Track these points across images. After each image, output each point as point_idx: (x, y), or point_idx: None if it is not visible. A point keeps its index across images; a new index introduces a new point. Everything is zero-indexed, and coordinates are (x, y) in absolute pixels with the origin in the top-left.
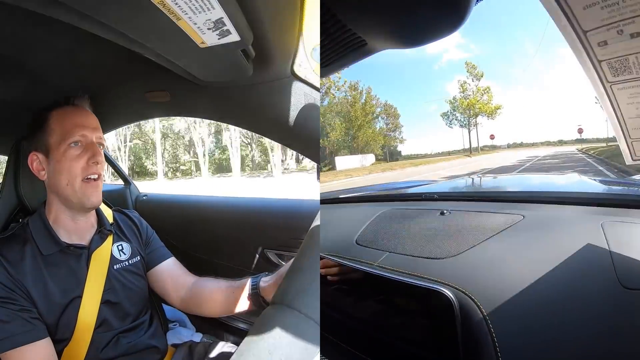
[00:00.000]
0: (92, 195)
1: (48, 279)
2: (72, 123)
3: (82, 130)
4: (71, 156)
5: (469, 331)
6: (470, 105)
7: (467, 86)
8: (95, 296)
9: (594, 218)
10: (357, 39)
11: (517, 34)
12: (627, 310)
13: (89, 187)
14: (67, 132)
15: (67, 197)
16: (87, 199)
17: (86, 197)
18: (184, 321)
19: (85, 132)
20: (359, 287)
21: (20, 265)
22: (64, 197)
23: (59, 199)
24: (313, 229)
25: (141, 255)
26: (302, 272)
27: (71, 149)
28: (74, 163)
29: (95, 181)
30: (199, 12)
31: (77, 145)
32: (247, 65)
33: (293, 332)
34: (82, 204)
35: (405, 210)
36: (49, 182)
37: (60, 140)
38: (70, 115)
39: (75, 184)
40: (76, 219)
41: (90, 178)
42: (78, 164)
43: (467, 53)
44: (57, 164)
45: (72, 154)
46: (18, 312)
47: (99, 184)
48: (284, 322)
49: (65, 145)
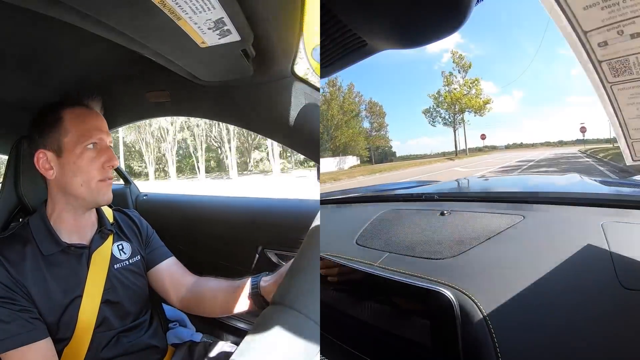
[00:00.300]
0: (107, 193)
1: (49, 279)
2: (89, 125)
3: (99, 133)
4: (88, 158)
5: (469, 331)
6: (455, 99)
7: (453, 79)
8: (95, 296)
9: (594, 218)
10: (357, 40)
11: (517, 34)
12: (627, 311)
13: (105, 186)
14: (84, 134)
15: (80, 196)
16: (102, 196)
17: (102, 195)
18: (184, 321)
19: (102, 136)
20: (359, 288)
21: (21, 265)
22: (75, 196)
23: (66, 198)
24: (313, 229)
25: (141, 255)
26: (302, 272)
27: (88, 151)
28: (91, 166)
29: (110, 182)
30: (199, 12)
31: (93, 148)
32: (247, 65)
33: (293, 333)
34: (97, 202)
35: (406, 210)
36: (58, 181)
37: (77, 141)
38: (86, 116)
39: (91, 185)
40: (79, 217)
41: (105, 178)
42: (95, 167)
43: (466, 52)
44: (73, 165)
45: (89, 156)
46: (18, 312)
47: (112, 182)
48: (283, 323)
49: (82, 147)
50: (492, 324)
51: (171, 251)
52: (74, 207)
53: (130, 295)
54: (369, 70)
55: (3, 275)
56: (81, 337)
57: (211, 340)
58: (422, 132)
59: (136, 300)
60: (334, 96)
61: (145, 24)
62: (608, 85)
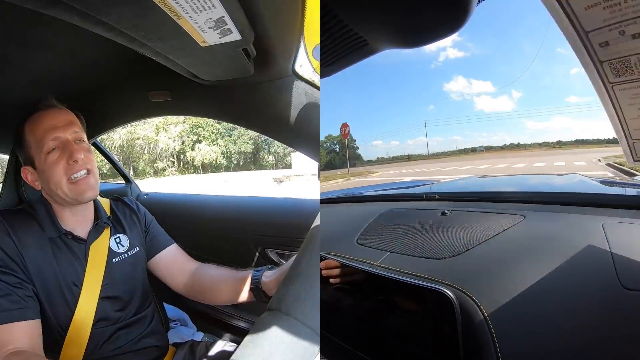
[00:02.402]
0: (86, 191)
1: (49, 259)
2: (41, 130)
3: (52, 133)
4: (50, 162)
5: (470, 331)
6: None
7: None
8: (94, 291)
9: (595, 219)
10: (358, 39)
11: (517, 33)
12: (628, 311)
13: (79, 186)
14: (40, 140)
15: (60, 197)
16: (80, 196)
17: (79, 195)
18: (185, 320)
19: (57, 133)
20: (360, 287)
21: (26, 239)
22: (59, 198)
23: (55, 201)
24: (313, 230)
25: (141, 245)
26: (301, 277)
27: (49, 155)
28: (54, 168)
29: (85, 178)
30: (200, 11)
31: (54, 150)
32: (248, 64)
33: (289, 340)
34: (79, 201)
35: (407, 210)
36: (44, 190)
37: (37, 150)
38: (39, 121)
39: (63, 187)
40: (75, 212)
41: (76, 177)
42: (59, 168)
43: (464, 52)
44: (43, 173)
45: (51, 159)
46: (13, 286)
47: (88, 179)
48: (280, 330)
49: (44, 155)
50: (493, 324)
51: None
52: (66, 206)
53: (130, 288)
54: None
55: (7, 243)
56: (79, 332)
57: (212, 339)
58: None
59: (135, 293)
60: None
61: (145, 23)
62: (609, 86)
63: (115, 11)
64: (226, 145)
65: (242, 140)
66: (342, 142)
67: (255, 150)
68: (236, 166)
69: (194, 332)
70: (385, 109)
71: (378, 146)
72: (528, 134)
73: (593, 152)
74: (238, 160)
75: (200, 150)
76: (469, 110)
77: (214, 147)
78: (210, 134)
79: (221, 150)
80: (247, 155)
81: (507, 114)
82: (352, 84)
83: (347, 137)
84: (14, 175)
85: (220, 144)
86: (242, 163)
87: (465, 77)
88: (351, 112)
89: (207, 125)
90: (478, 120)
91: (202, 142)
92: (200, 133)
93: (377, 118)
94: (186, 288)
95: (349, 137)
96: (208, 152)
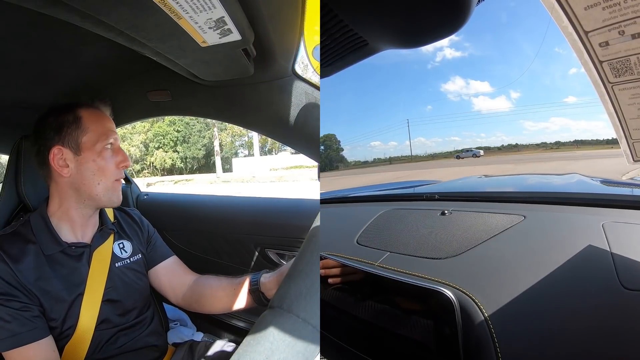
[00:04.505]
0: (120, 194)
1: (51, 277)
2: (105, 126)
3: (114, 134)
4: (107, 157)
5: (470, 331)
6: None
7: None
8: (96, 294)
9: (595, 219)
10: (358, 39)
11: (515, 33)
12: (627, 311)
13: (117, 187)
14: (103, 133)
15: (96, 195)
16: (116, 197)
17: (115, 196)
18: (185, 320)
19: (117, 137)
20: (360, 287)
21: (23, 263)
22: (90, 194)
23: (79, 197)
24: (313, 230)
25: (142, 254)
26: (302, 275)
27: (106, 150)
28: (109, 164)
29: (121, 183)
30: (200, 11)
31: (110, 148)
32: (248, 64)
33: (291, 337)
34: (112, 202)
35: (406, 210)
36: (73, 179)
37: (97, 140)
38: (101, 117)
39: (107, 184)
40: (87, 216)
41: (118, 179)
42: (112, 166)
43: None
44: (92, 163)
45: (108, 155)
46: (19, 310)
47: (121, 185)
48: (281, 327)
49: (102, 146)
50: (493, 324)
51: (172, 250)
52: (86, 206)
53: (132, 293)
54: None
55: (4, 271)
56: (82, 335)
57: (212, 339)
58: (428, 132)
59: (137, 298)
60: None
61: (145, 23)
62: (609, 86)
63: (115, 11)
64: (183, 151)
65: (196, 147)
66: (326, 143)
67: (206, 155)
68: (191, 169)
69: (193, 332)
70: (373, 109)
71: (376, 147)
72: (526, 134)
73: (593, 156)
74: (192, 165)
75: (157, 157)
76: (467, 110)
77: (172, 154)
78: (169, 141)
79: (178, 156)
80: (200, 160)
81: (505, 114)
82: (349, 83)
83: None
84: (14, 175)
85: (179, 150)
86: (196, 167)
87: (463, 78)
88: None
89: (167, 134)
90: (474, 120)
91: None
92: (161, 141)
93: (369, 118)
94: (185, 299)
95: (333, 137)
96: (163, 158)
